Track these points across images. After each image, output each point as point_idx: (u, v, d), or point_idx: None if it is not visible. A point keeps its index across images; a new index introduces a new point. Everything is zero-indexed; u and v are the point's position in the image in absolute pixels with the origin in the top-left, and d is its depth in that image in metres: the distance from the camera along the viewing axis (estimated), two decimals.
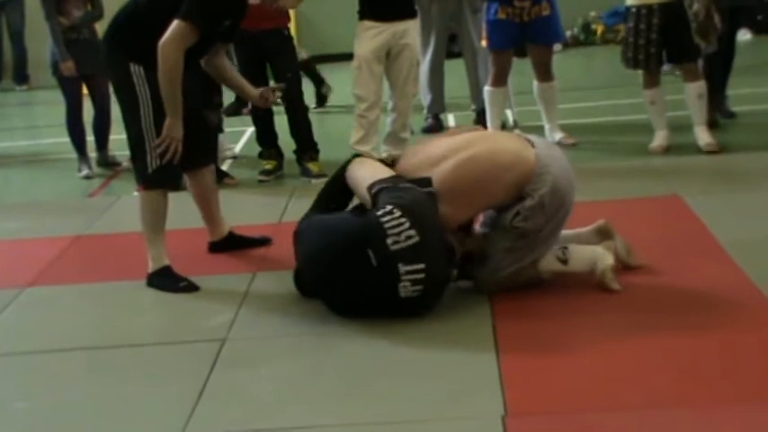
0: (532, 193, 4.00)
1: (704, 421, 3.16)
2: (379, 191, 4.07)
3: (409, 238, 3.86)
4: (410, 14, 6.51)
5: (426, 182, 4.05)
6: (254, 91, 4.94)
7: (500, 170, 4.04)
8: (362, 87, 6.49)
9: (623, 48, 6.62)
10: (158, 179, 4.58)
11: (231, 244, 5.07)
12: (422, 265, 3.87)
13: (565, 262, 4.20)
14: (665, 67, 7.12)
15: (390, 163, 4.38)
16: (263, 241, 5.15)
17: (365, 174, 4.24)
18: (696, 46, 6.41)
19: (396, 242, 3.85)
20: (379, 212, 3.93)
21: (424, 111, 7.84)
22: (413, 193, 4.00)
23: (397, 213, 3.89)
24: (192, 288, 4.57)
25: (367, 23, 6.43)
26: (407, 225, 3.86)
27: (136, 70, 4.48)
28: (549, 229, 4.07)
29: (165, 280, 4.62)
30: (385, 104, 6.70)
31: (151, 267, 4.67)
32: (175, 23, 4.36)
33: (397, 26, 6.40)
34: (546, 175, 4.02)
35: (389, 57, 6.46)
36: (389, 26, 6.39)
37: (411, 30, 6.49)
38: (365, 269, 3.89)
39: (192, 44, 4.39)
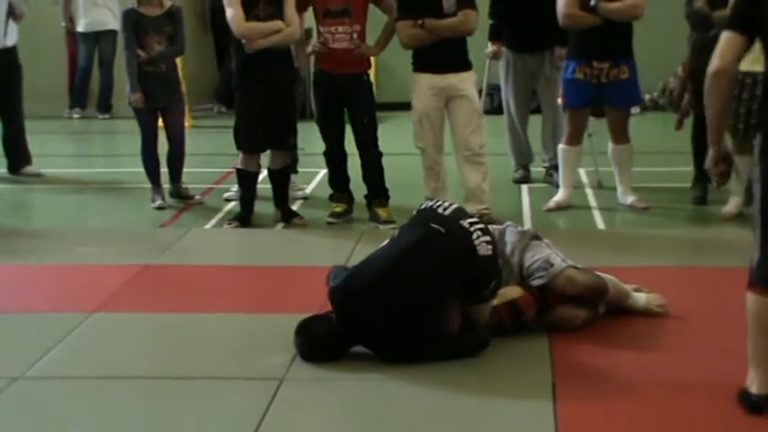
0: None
1: None
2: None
3: (450, 204, 4.42)
4: (464, 67, 6.48)
5: None
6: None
7: None
8: (425, 140, 6.50)
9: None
10: None
11: None
12: (475, 218, 4.37)
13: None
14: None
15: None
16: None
17: None
18: None
19: (445, 209, 4.36)
20: (419, 208, 4.47)
21: (512, 163, 7.86)
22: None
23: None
24: None
25: (421, 76, 6.45)
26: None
27: None
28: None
29: None
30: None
31: None
32: None
33: (452, 78, 6.40)
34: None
35: (448, 107, 6.46)
36: (444, 78, 6.39)
37: (466, 81, 6.46)
38: (440, 240, 4.22)
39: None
